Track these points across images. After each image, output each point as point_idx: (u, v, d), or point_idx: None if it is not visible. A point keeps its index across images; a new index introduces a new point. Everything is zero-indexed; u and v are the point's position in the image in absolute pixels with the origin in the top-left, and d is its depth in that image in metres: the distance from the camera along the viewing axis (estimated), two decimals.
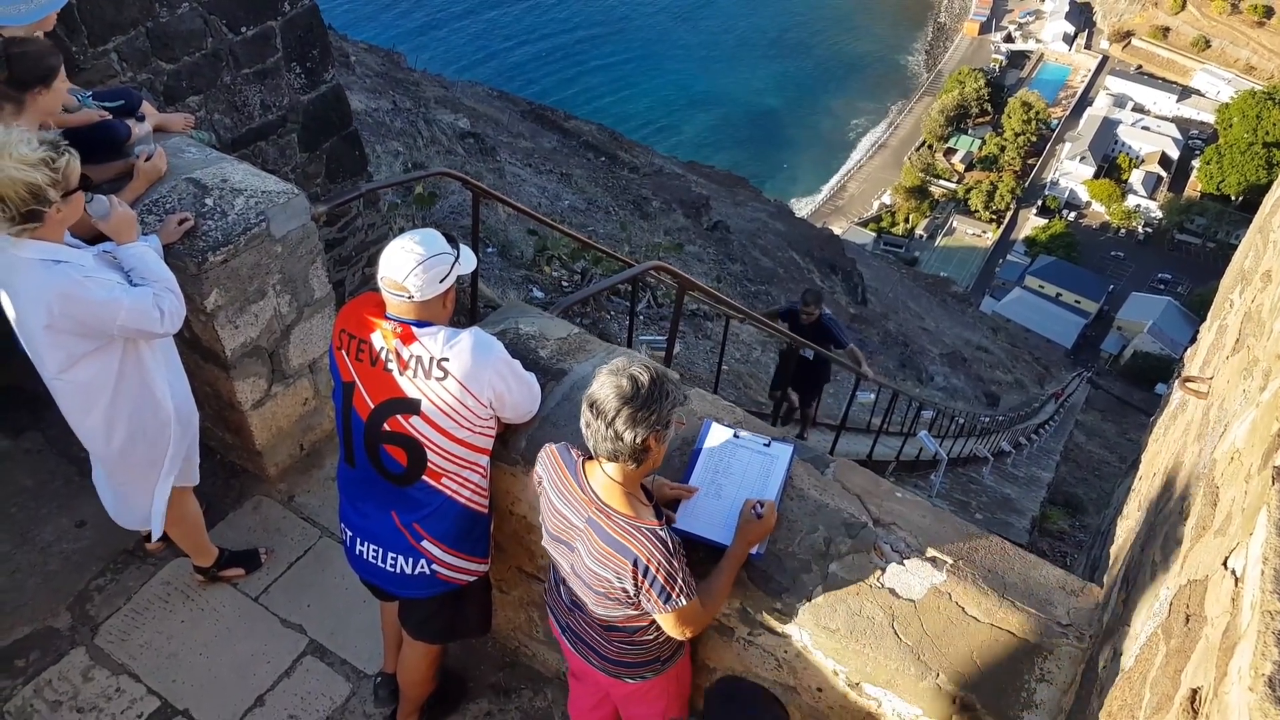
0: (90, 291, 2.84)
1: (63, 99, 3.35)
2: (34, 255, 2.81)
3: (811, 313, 7.96)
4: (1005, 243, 63.07)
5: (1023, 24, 76.46)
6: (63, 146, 2.77)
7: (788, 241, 23.77)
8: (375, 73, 19.21)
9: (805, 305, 8.00)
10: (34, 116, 3.25)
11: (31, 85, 3.16)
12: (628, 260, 7.14)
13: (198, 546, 3.63)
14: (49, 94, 3.21)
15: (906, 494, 2.71)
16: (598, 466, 2.31)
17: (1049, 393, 24.63)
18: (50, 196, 2.72)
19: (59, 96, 3.27)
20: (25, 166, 2.66)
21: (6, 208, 2.68)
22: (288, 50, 5.71)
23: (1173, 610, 1.33)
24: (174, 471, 3.30)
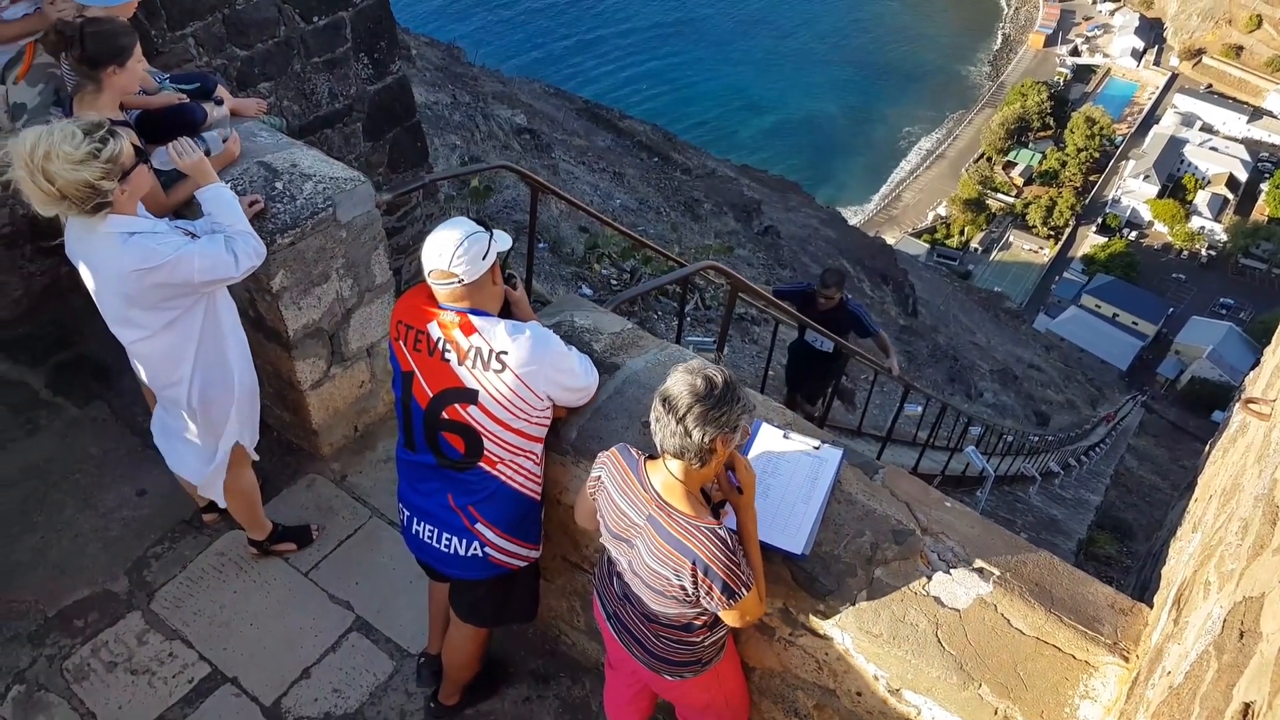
0: (161, 254, 2.91)
1: (140, 80, 3.46)
2: (110, 229, 2.90)
3: (832, 297, 6.94)
4: (1062, 260, 62.00)
5: (1090, 38, 75.09)
6: (106, 131, 2.80)
7: (839, 249, 23.61)
8: (435, 66, 19.46)
9: (824, 287, 6.95)
10: (112, 96, 3.37)
11: (104, 63, 3.27)
12: (679, 260, 7.15)
13: (253, 520, 3.73)
14: (123, 73, 3.31)
15: (955, 504, 2.70)
16: (661, 464, 2.34)
17: (1101, 415, 24.18)
18: (106, 187, 2.78)
19: (134, 76, 3.38)
20: (75, 165, 2.70)
21: (73, 204, 2.78)
22: (357, 41, 5.83)
23: (1226, 626, 1.33)
24: (235, 436, 3.38)
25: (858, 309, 7.16)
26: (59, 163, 2.69)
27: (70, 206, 2.79)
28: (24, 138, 2.73)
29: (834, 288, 6.91)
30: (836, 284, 6.94)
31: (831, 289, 6.91)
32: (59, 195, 2.73)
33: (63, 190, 2.73)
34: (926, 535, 2.55)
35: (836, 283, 6.96)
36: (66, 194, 2.74)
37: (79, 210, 2.81)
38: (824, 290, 6.93)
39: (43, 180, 2.70)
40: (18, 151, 2.72)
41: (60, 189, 2.72)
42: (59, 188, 2.71)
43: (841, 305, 6.99)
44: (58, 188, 2.71)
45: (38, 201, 2.76)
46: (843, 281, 7.06)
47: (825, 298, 6.92)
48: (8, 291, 4.73)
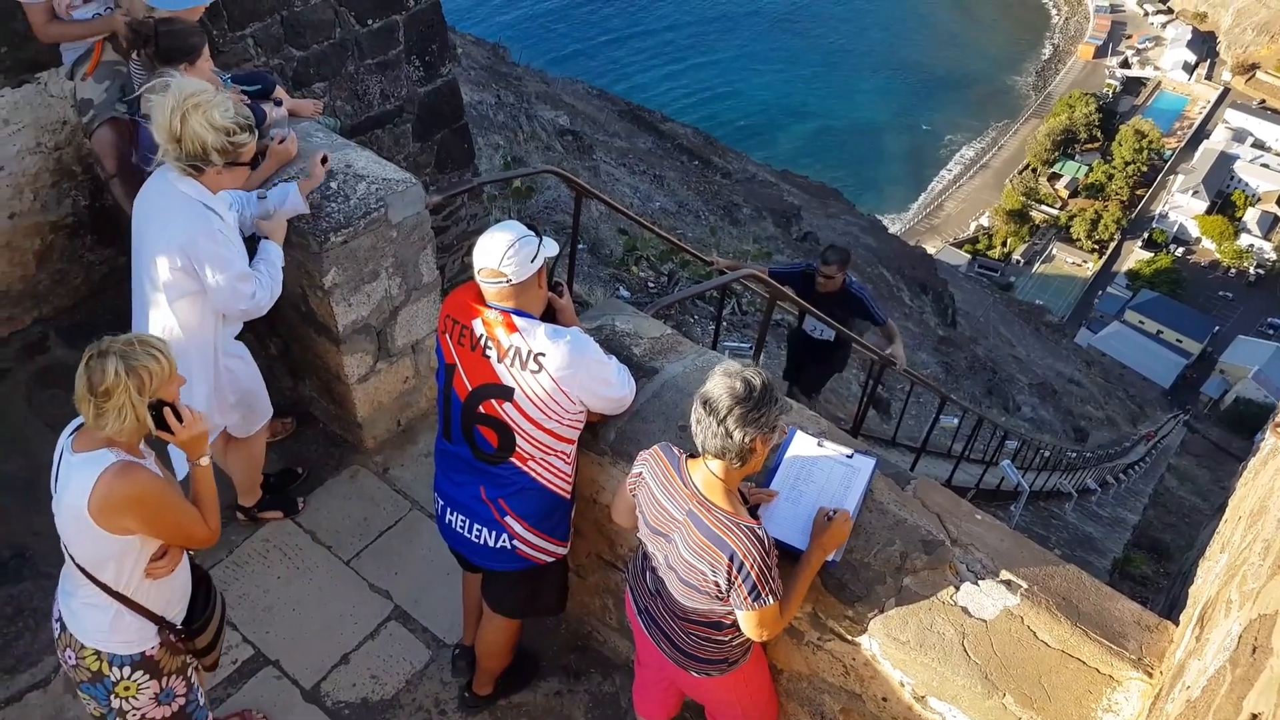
0: (220, 245, 3.15)
1: (207, 79, 3.59)
2: (189, 191, 3.13)
3: (832, 276, 6.21)
4: (1106, 274, 61.09)
5: (1141, 50, 73.93)
6: (251, 124, 3.08)
7: (878, 257, 23.49)
8: (480, 66, 19.66)
9: (824, 265, 6.23)
10: None
11: (176, 61, 3.43)
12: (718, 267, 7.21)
13: (250, 485, 3.91)
14: (193, 71, 3.47)
15: (986, 517, 2.74)
16: (701, 463, 2.42)
17: (1141, 433, 23.83)
18: (214, 160, 3.04)
19: (203, 75, 3.52)
20: (209, 127, 2.98)
21: (180, 150, 3.02)
22: (409, 43, 5.96)
23: (1241, 642, 1.37)
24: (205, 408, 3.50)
25: (862, 292, 6.51)
26: (200, 115, 2.97)
27: (177, 152, 3.03)
28: (189, 84, 3.03)
29: (835, 265, 6.22)
30: (839, 262, 6.25)
31: (832, 267, 6.21)
32: (177, 138, 2.99)
33: (183, 136, 2.99)
34: (956, 546, 2.60)
35: (839, 260, 6.27)
36: (183, 140, 3.00)
37: (178, 159, 3.05)
38: (824, 269, 6.23)
39: (177, 119, 2.96)
40: (180, 87, 2.98)
41: (183, 134, 2.98)
42: (183, 132, 2.98)
43: (844, 288, 6.32)
44: (183, 132, 2.98)
45: (160, 131, 3.01)
46: (846, 260, 6.38)
47: (825, 277, 6.23)
48: (68, 280, 4.90)
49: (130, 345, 2.38)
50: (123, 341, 2.39)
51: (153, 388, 2.38)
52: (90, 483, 2.37)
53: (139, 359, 2.36)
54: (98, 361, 2.35)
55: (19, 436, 4.31)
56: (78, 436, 2.47)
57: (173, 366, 2.44)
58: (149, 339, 2.45)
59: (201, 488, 2.62)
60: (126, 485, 2.38)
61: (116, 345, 2.37)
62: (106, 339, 2.40)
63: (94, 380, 2.34)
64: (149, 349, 2.40)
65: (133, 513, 2.41)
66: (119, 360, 2.34)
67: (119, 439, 2.41)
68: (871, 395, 8.56)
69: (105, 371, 2.33)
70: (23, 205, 4.56)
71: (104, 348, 2.37)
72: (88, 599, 2.55)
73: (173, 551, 2.59)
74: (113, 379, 2.32)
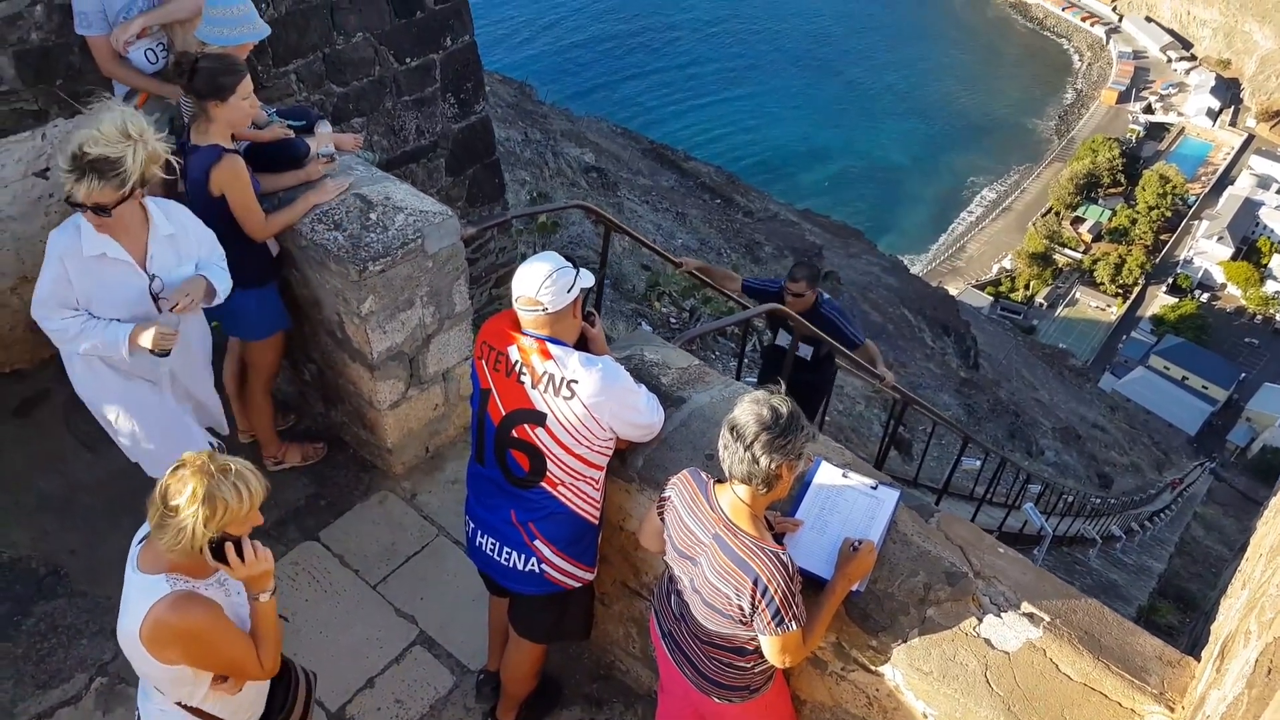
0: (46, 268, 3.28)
1: (247, 114, 3.71)
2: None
3: (801, 294, 5.70)
4: (1130, 319, 60.78)
5: (1164, 96, 74.14)
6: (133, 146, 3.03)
7: (900, 298, 23.52)
8: (507, 103, 19.99)
9: (791, 281, 5.74)
10: (221, 126, 3.64)
11: (207, 97, 3.55)
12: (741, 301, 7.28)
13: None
14: (225, 108, 3.57)
15: (1008, 550, 2.77)
16: (728, 488, 2.47)
17: (1167, 480, 23.56)
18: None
19: (238, 111, 3.63)
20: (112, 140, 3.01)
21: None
22: (445, 82, 6.13)
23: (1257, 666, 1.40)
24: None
25: (834, 313, 5.88)
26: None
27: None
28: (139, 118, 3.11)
29: (803, 282, 5.73)
30: (807, 279, 5.76)
31: (800, 284, 5.72)
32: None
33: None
34: (979, 578, 2.62)
35: (806, 277, 5.78)
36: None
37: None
38: (791, 285, 5.74)
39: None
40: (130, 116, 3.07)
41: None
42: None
43: (814, 308, 5.82)
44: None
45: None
46: (815, 277, 5.90)
47: (793, 294, 5.72)
48: None
49: (222, 470, 2.24)
50: (217, 465, 2.25)
51: (222, 521, 2.24)
52: (143, 611, 2.29)
53: (220, 489, 2.21)
54: (180, 474, 2.23)
55: (56, 456, 4.41)
56: (144, 549, 2.37)
57: (254, 504, 2.30)
58: (246, 471, 2.29)
59: (261, 624, 2.46)
60: (177, 620, 2.28)
61: (208, 465, 2.24)
62: (205, 454, 2.27)
63: (168, 492, 2.22)
64: (237, 481, 2.25)
65: (182, 648, 2.32)
66: (199, 482, 2.21)
67: (177, 559, 2.30)
68: (893, 435, 8.57)
69: (181, 489, 2.21)
70: None
71: (195, 463, 2.24)
72: (160, 705, 2.51)
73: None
74: (184, 499, 2.20)
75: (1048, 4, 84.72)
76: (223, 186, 3.59)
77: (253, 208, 3.66)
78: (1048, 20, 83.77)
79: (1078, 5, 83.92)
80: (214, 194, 3.60)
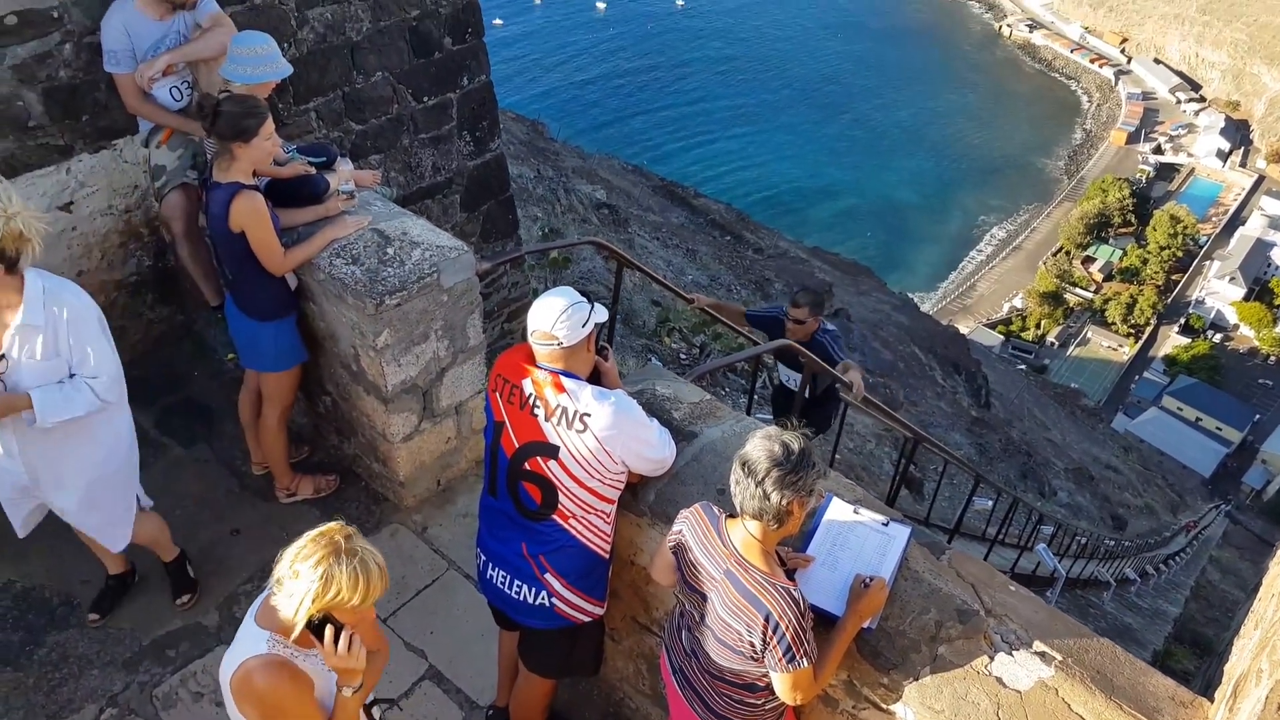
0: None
1: (269, 153, 3.79)
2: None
3: (802, 320, 5.64)
4: (1143, 359, 60.53)
5: (1174, 137, 74.45)
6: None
7: (910, 336, 23.51)
8: (519, 141, 20.22)
9: (793, 307, 5.65)
10: (244, 165, 3.71)
11: (230, 139, 3.62)
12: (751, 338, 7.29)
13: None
14: (249, 148, 3.65)
15: (1020, 588, 2.76)
16: (740, 524, 2.48)
17: (1182, 523, 23.33)
18: None
19: (262, 151, 3.71)
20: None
21: None
22: (461, 120, 6.23)
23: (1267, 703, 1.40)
24: None
25: (826, 338, 5.76)
26: None
27: None
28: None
29: (805, 309, 5.65)
30: (809, 304, 5.67)
31: (802, 310, 5.64)
32: None
33: None
34: (990, 617, 2.62)
35: (810, 303, 5.67)
36: None
37: None
38: (793, 311, 5.65)
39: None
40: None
41: None
42: None
43: (814, 338, 5.73)
44: None
45: None
46: (819, 304, 5.77)
47: (795, 321, 5.65)
48: (127, 336, 5.09)
49: (349, 553, 2.21)
50: (347, 546, 2.22)
51: (330, 603, 2.20)
52: (238, 661, 2.31)
53: (338, 571, 2.18)
54: (315, 540, 2.22)
55: None
56: (266, 600, 2.34)
57: (368, 598, 2.25)
58: (372, 564, 2.25)
59: (339, 716, 2.43)
60: (262, 683, 2.27)
61: (340, 543, 2.21)
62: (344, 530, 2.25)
63: (296, 557, 2.21)
64: (359, 569, 2.21)
65: (259, 711, 2.31)
66: (323, 556, 2.18)
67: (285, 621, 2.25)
68: (904, 474, 8.53)
69: (307, 556, 2.19)
70: (91, 264, 4.78)
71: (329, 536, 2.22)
72: None
73: None
74: (306, 566, 2.18)
75: (1056, 46, 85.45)
76: (242, 223, 3.65)
77: (272, 243, 3.72)
78: (1056, 61, 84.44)
79: (1086, 47, 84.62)
80: (234, 230, 3.67)
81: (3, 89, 4.20)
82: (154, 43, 4.29)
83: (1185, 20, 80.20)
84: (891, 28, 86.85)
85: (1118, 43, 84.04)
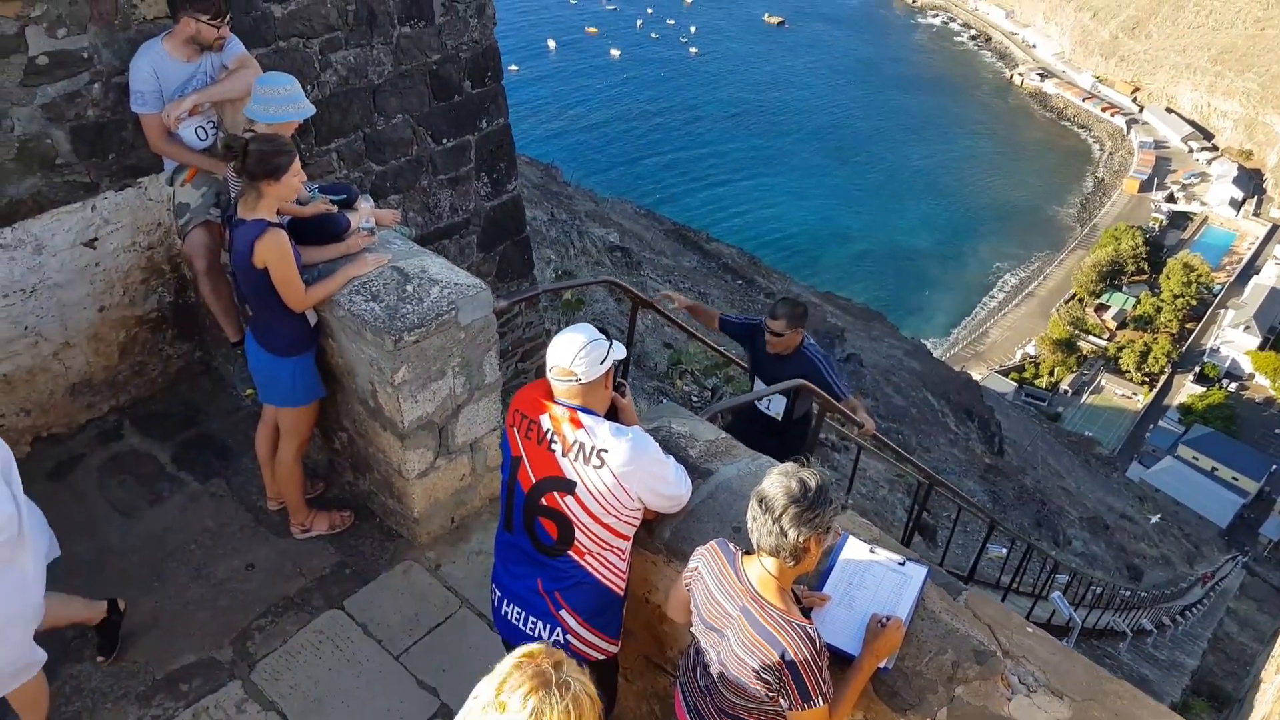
0: None
1: (296, 190, 3.87)
2: None
3: (781, 333, 5.09)
4: (1157, 408, 60.10)
5: (1187, 185, 74.69)
6: None
7: (923, 381, 23.48)
8: (533, 184, 20.47)
9: (771, 319, 5.11)
10: (270, 203, 3.78)
11: (259, 177, 3.69)
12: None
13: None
14: (277, 186, 3.73)
15: (1037, 630, 2.74)
16: (756, 560, 2.48)
17: (1198, 574, 23.02)
18: None
19: (289, 189, 3.79)
20: None
21: None
22: (479, 162, 6.33)
23: None
24: None
25: (818, 357, 5.23)
26: None
27: None
28: None
29: (783, 320, 5.07)
30: (789, 316, 5.08)
31: (780, 322, 5.07)
32: None
33: None
34: (1008, 658, 2.60)
35: (788, 315, 5.08)
36: None
37: None
38: (771, 323, 5.10)
39: None
40: None
41: None
42: None
43: (799, 351, 5.19)
44: None
45: None
46: (800, 316, 5.14)
47: (774, 334, 5.10)
48: (147, 371, 5.16)
49: (561, 686, 1.99)
50: (558, 678, 2.00)
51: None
52: None
53: (550, 706, 1.95)
54: (519, 676, 1.98)
55: (89, 520, 4.48)
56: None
57: None
58: (584, 696, 2.02)
59: None
60: None
61: (549, 673, 2.00)
62: (551, 656, 2.04)
63: (505, 682, 1.99)
64: (571, 706, 1.99)
65: None
66: (533, 688, 1.95)
67: None
68: (917, 520, 8.48)
69: (516, 686, 1.98)
70: (113, 299, 4.85)
71: (538, 665, 2.01)
72: None
73: None
74: (515, 699, 1.96)
75: (1068, 94, 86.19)
76: (265, 259, 3.71)
77: (294, 280, 3.78)
78: (1068, 110, 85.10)
79: (1098, 96, 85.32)
80: (257, 265, 3.73)
81: (33, 127, 4.30)
82: (181, 84, 4.39)
83: (1197, 70, 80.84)
84: (904, 75, 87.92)
85: (1129, 92, 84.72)
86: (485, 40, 6.06)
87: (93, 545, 4.35)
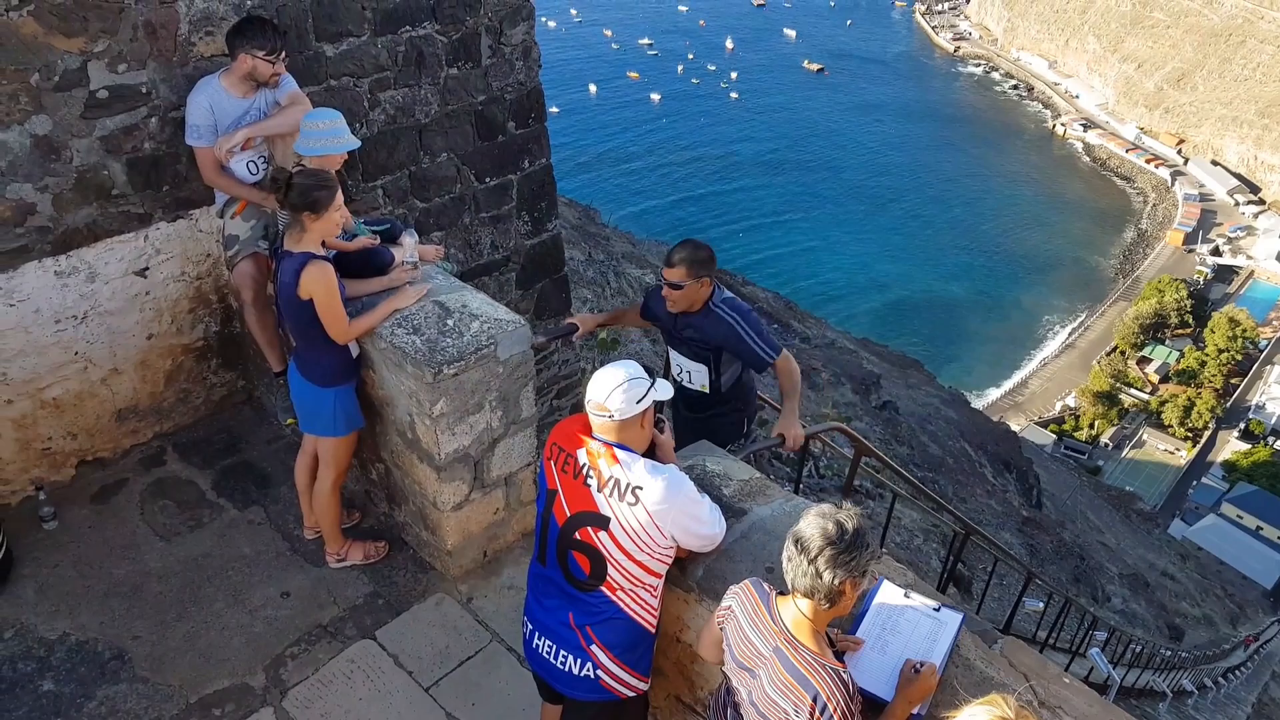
0: None
1: (337, 224, 3.94)
2: None
3: (678, 284, 4.08)
4: (1200, 464, 58.76)
5: (1232, 239, 73.65)
6: None
7: (959, 431, 23.17)
8: (571, 225, 20.67)
9: (667, 266, 4.08)
10: (315, 236, 3.87)
11: (301, 209, 3.78)
12: None
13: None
14: (320, 220, 3.81)
15: (1074, 680, 2.69)
16: (790, 601, 2.47)
17: (1242, 636, 22.34)
18: None
19: (331, 224, 3.87)
20: None
21: None
22: (520, 200, 6.43)
23: None
24: None
25: (732, 314, 4.18)
26: None
27: None
28: None
29: (680, 268, 4.05)
30: (689, 261, 4.05)
31: (676, 269, 4.06)
32: None
33: None
34: (1044, 708, 2.55)
35: (689, 260, 4.05)
36: None
37: None
38: (667, 272, 4.10)
39: None
40: None
41: None
42: None
43: (709, 309, 4.19)
44: None
45: None
46: (704, 261, 4.09)
47: (670, 285, 4.10)
48: (191, 399, 5.26)
49: None
50: None
51: None
52: None
53: None
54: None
55: (130, 544, 4.55)
56: None
57: None
58: None
59: None
60: None
61: None
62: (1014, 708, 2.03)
63: None
64: None
65: None
66: None
67: None
68: (952, 571, 8.34)
69: None
70: (161, 328, 4.97)
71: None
72: None
73: None
74: None
75: (1111, 145, 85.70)
76: (311, 291, 3.79)
77: (338, 312, 3.85)
78: (1110, 161, 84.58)
79: (1141, 147, 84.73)
80: (302, 297, 3.81)
81: (91, 158, 4.44)
82: (236, 119, 4.53)
83: (1243, 123, 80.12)
84: (944, 123, 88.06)
85: (1174, 144, 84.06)
86: (530, 82, 6.18)
87: (133, 568, 4.42)
